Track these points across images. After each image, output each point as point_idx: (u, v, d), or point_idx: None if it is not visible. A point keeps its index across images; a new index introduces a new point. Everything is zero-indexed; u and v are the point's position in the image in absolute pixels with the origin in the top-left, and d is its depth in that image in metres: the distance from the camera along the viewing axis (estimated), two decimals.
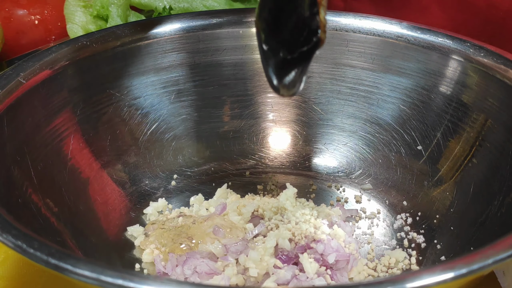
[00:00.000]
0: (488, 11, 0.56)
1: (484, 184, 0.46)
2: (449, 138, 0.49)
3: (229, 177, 0.54)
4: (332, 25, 0.53)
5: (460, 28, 0.57)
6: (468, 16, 0.57)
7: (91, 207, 0.47)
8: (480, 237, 0.43)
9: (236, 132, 0.55)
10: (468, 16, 0.57)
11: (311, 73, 0.54)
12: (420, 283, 0.29)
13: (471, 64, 0.49)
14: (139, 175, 0.51)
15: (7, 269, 0.46)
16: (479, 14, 0.56)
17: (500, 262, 0.31)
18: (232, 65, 0.54)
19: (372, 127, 0.53)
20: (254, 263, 0.42)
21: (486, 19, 0.56)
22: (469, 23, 0.57)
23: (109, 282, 0.29)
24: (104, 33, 0.51)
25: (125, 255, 0.46)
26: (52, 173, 0.45)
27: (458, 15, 0.57)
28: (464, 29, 0.56)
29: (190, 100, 0.54)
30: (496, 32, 0.57)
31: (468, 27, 0.57)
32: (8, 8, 0.69)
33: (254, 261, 0.42)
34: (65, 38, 0.60)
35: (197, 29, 0.53)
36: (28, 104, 0.45)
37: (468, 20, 0.57)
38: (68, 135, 0.47)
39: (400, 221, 0.49)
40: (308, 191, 0.52)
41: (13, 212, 0.36)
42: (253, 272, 0.41)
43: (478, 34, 0.56)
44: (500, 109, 0.46)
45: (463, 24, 0.57)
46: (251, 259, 0.42)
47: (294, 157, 0.55)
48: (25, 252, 0.31)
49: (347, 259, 0.43)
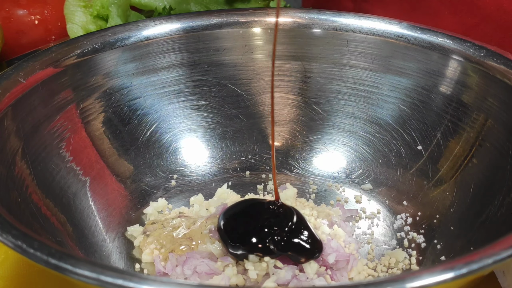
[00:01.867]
0: (498, 16, 0.56)
1: (484, 184, 0.46)
2: (449, 138, 0.49)
3: (229, 177, 0.54)
4: (332, 25, 0.53)
5: (470, 33, 0.57)
6: (478, 21, 0.57)
7: (91, 207, 0.47)
8: (480, 237, 0.43)
9: (236, 132, 0.55)
10: (478, 21, 0.57)
11: (311, 73, 0.54)
12: (420, 283, 0.29)
13: (471, 64, 0.49)
14: (139, 175, 0.51)
15: (7, 269, 0.46)
16: (489, 18, 0.56)
17: (500, 262, 0.31)
18: (232, 65, 0.54)
19: (372, 127, 0.53)
20: (253, 265, 0.42)
21: (496, 23, 0.56)
22: (479, 28, 0.57)
23: (109, 282, 0.29)
24: (104, 33, 0.51)
25: (125, 255, 0.46)
26: (52, 173, 0.45)
27: (468, 19, 0.57)
28: (474, 34, 0.57)
29: (190, 100, 0.54)
30: (507, 36, 0.57)
31: (478, 31, 0.57)
32: (8, 8, 0.68)
33: (253, 263, 0.42)
34: (65, 38, 0.60)
35: (197, 29, 0.53)
36: (28, 104, 0.45)
37: (478, 24, 0.57)
38: (68, 135, 0.47)
39: (400, 221, 0.49)
40: (308, 191, 0.52)
41: (13, 212, 0.36)
42: (252, 274, 0.41)
43: (489, 39, 0.55)
44: (500, 109, 0.46)
45: (473, 28, 0.57)
46: (251, 261, 0.42)
47: (294, 157, 0.55)
48: (25, 252, 0.31)
49: (347, 259, 0.43)
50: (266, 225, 0.43)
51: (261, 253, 0.42)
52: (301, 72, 0.55)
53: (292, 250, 0.42)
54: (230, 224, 0.44)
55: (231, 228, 0.44)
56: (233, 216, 0.45)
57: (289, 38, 0.54)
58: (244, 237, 0.43)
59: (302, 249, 0.42)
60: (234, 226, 0.44)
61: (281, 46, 0.54)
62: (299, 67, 0.54)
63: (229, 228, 0.44)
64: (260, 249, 0.42)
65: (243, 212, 0.45)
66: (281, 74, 0.55)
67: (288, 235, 0.42)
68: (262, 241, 0.42)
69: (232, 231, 0.43)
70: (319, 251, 0.43)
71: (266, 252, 0.42)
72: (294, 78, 0.55)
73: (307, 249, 0.43)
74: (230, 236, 0.43)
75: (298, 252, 0.42)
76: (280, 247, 0.42)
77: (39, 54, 0.48)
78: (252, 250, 0.42)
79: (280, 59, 0.54)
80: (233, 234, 0.43)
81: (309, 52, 0.54)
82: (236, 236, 0.43)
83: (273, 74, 0.44)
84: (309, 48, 0.54)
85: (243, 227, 0.43)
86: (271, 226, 0.43)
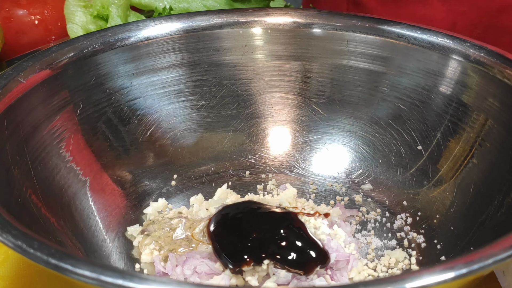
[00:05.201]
0: (485, 4, 0.58)
1: (484, 184, 0.46)
2: (449, 138, 0.49)
3: (229, 177, 0.54)
4: (332, 25, 0.53)
5: (458, 19, 0.59)
6: (467, 8, 0.59)
7: (91, 207, 0.47)
8: (480, 237, 0.43)
9: (236, 132, 0.55)
10: (466, 8, 0.59)
11: (311, 73, 0.54)
12: (420, 283, 0.29)
13: (471, 64, 0.49)
14: (139, 175, 0.51)
15: (7, 269, 0.46)
16: (477, 6, 0.59)
17: (500, 262, 0.31)
18: (232, 65, 0.54)
19: (372, 127, 0.53)
20: (251, 275, 0.41)
21: (483, 10, 0.59)
22: (467, 14, 0.59)
23: (109, 282, 0.29)
24: (104, 33, 0.51)
25: (125, 255, 0.46)
26: (52, 173, 0.45)
27: (457, 7, 0.59)
28: (462, 20, 0.59)
29: (190, 100, 0.54)
30: (492, 23, 0.59)
31: (466, 18, 0.59)
32: (8, 8, 0.68)
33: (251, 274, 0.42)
34: (65, 38, 0.60)
35: (197, 29, 0.53)
36: (28, 104, 0.45)
37: (466, 11, 0.59)
38: (68, 135, 0.47)
39: (400, 221, 0.49)
40: (308, 191, 0.52)
41: (13, 212, 0.36)
42: (253, 282, 0.41)
43: (476, 24, 0.58)
44: (500, 109, 0.46)
45: (461, 15, 0.59)
46: (249, 272, 0.42)
47: (294, 157, 0.55)
48: (25, 252, 0.31)
49: (347, 259, 0.43)
50: (262, 239, 0.42)
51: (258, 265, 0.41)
52: (301, 72, 0.55)
53: (294, 266, 0.41)
54: (224, 239, 0.43)
55: (225, 244, 0.42)
56: (226, 228, 0.43)
57: (289, 38, 0.54)
58: (240, 257, 0.41)
59: (304, 264, 0.42)
60: (228, 241, 0.42)
61: (281, 46, 0.54)
62: (299, 67, 0.54)
63: (224, 244, 0.42)
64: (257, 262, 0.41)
65: (235, 224, 0.43)
66: (281, 74, 0.55)
67: (287, 252, 0.41)
68: (259, 260, 0.41)
69: (226, 248, 0.42)
70: (323, 262, 0.42)
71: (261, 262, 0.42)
72: (294, 78, 0.55)
73: (310, 263, 0.41)
74: (226, 253, 0.42)
75: (300, 267, 0.42)
76: (280, 263, 0.41)
77: (39, 54, 0.48)
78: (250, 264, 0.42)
79: (280, 59, 0.54)
80: (227, 251, 0.42)
81: (309, 52, 0.54)
82: (231, 254, 0.42)
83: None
84: (309, 48, 0.54)
85: (237, 243, 0.42)
86: (268, 241, 0.42)
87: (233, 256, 0.42)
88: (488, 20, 0.59)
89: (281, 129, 0.55)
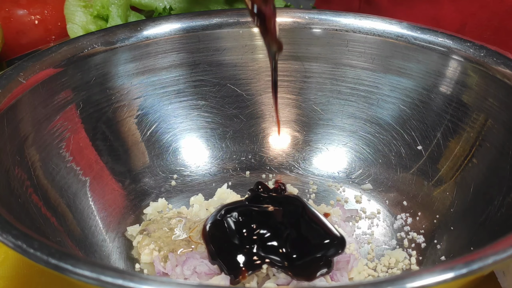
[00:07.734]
0: (495, 5, 0.59)
1: (484, 184, 0.46)
2: (449, 138, 0.49)
3: (229, 177, 0.54)
4: (332, 25, 0.53)
5: (468, 20, 0.59)
6: (476, 9, 0.59)
7: (91, 207, 0.47)
8: (480, 237, 0.43)
9: (236, 132, 0.55)
10: (476, 9, 0.59)
11: (311, 73, 0.54)
12: (420, 283, 0.29)
13: (471, 64, 0.49)
14: (139, 175, 0.51)
15: (7, 269, 0.46)
16: (486, 7, 0.59)
17: (500, 262, 0.31)
18: (232, 65, 0.54)
19: (372, 127, 0.53)
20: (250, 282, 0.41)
21: (492, 11, 0.59)
22: (477, 16, 0.59)
23: (109, 282, 0.29)
24: (104, 33, 0.51)
25: (125, 255, 0.46)
26: (52, 173, 0.45)
27: (467, 7, 0.59)
28: (472, 21, 0.59)
29: (190, 100, 0.54)
30: (502, 25, 0.59)
31: (476, 19, 0.59)
32: (8, 8, 0.68)
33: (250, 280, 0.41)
34: (65, 38, 0.60)
35: (197, 29, 0.53)
36: (28, 104, 0.45)
37: (477, 12, 0.59)
38: (68, 135, 0.47)
39: (400, 221, 0.49)
40: (308, 191, 0.52)
41: (13, 212, 0.36)
42: (253, 284, 0.41)
43: (486, 25, 0.59)
44: (500, 109, 0.46)
45: (471, 16, 0.59)
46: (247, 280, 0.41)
47: (294, 157, 0.55)
48: (25, 252, 0.31)
49: (347, 259, 0.43)
50: (261, 245, 0.41)
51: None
52: (301, 72, 0.55)
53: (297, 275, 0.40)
54: (219, 243, 0.42)
55: (220, 249, 0.42)
56: (222, 232, 0.42)
57: (289, 38, 0.54)
58: (236, 264, 0.41)
59: (308, 272, 0.41)
60: (223, 246, 0.42)
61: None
62: (299, 67, 0.54)
63: (219, 249, 0.42)
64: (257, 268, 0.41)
65: (233, 226, 0.42)
66: (281, 74, 0.55)
67: (288, 259, 0.40)
68: (256, 267, 0.41)
69: (222, 253, 0.42)
70: (341, 247, 0.41)
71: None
72: (294, 78, 0.55)
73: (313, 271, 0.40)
74: (221, 259, 0.42)
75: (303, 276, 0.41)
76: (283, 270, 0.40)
77: (39, 54, 0.48)
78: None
79: (280, 59, 0.54)
80: (223, 256, 0.42)
81: (309, 52, 0.54)
82: (227, 261, 0.41)
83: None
84: (309, 48, 0.54)
85: (233, 249, 0.41)
86: (268, 248, 0.41)
87: (229, 263, 0.41)
88: (498, 22, 0.59)
89: (281, 129, 0.55)
